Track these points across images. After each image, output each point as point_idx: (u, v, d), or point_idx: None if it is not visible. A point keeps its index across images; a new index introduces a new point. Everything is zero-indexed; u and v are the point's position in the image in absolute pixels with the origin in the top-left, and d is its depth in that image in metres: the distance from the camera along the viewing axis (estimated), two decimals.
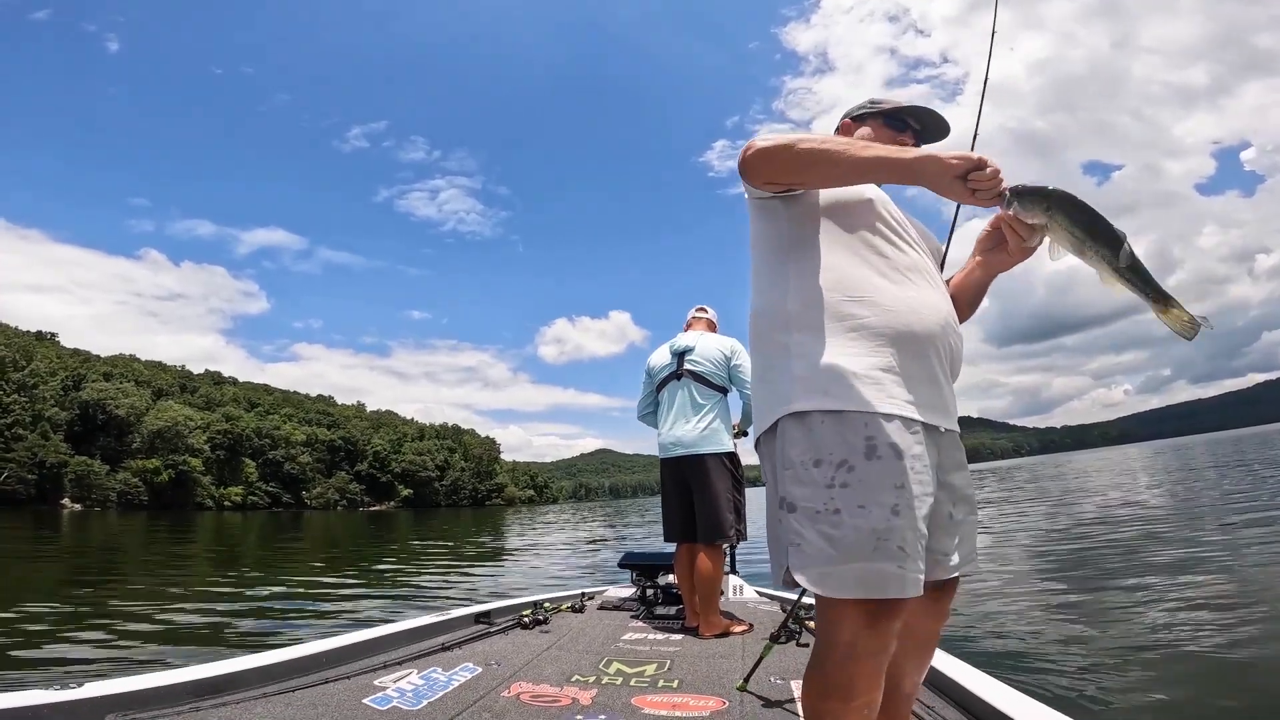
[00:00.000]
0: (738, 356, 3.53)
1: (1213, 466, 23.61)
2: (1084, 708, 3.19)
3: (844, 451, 1.17)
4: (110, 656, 4.58)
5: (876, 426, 1.17)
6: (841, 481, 1.16)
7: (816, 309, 1.27)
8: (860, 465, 1.15)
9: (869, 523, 1.12)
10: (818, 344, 1.25)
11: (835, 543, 1.14)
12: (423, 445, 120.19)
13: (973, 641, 4.49)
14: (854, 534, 1.13)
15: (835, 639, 1.17)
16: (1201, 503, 11.93)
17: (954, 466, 1.33)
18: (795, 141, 1.26)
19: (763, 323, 1.36)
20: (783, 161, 1.27)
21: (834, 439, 1.18)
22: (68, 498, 65.14)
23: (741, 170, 1.32)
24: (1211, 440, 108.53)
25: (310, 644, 2.57)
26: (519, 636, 3.17)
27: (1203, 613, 4.49)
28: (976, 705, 1.96)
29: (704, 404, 3.49)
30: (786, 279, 1.33)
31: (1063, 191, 1.20)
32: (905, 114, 1.52)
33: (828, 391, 1.21)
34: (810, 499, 1.17)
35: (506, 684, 2.39)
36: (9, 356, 64.56)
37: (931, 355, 1.27)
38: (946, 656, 2.41)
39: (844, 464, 1.16)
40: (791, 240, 1.36)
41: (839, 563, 1.13)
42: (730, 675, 2.53)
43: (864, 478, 1.15)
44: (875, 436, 1.16)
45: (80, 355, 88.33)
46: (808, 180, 1.32)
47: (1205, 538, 7.65)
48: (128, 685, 1.88)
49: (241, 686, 2.11)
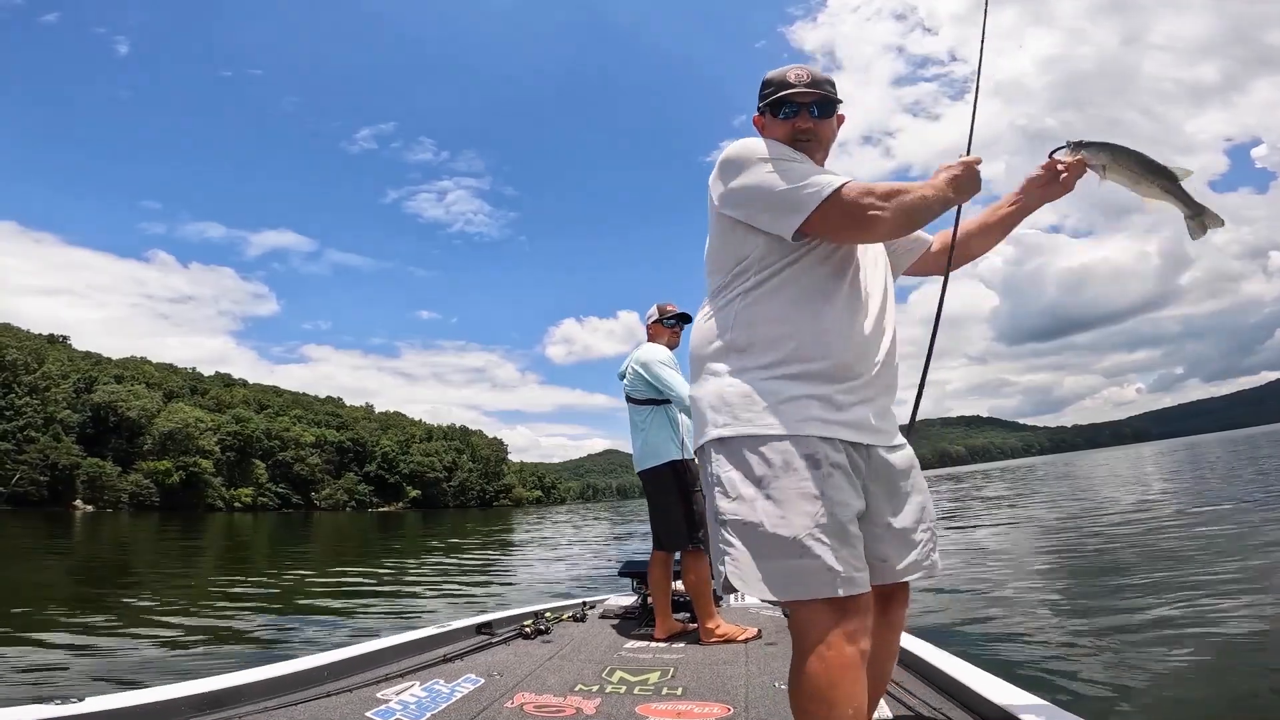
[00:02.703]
0: (647, 369, 3.53)
1: (1226, 465, 23.37)
2: (1090, 704, 3.17)
3: (765, 471, 1.28)
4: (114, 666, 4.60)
5: (798, 446, 1.28)
6: (766, 495, 1.27)
7: (750, 336, 1.36)
8: (780, 481, 1.26)
9: (790, 530, 1.23)
10: (748, 370, 1.35)
11: (759, 550, 1.26)
12: (431, 446, 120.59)
13: (975, 641, 4.46)
14: (776, 541, 1.24)
15: (804, 644, 1.24)
16: (1213, 502, 11.79)
17: (892, 481, 1.40)
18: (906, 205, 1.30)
19: (702, 344, 1.44)
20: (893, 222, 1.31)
21: (757, 461, 1.29)
22: (80, 499, 65.71)
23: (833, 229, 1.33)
24: (1225, 439, 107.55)
25: (312, 657, 2.57)
26: (521, 647, 3.16)
27: (1212, 613, 4.44)
28: (980, 704, 1.94)
29: (639, 421, 3.61)
30: (732, 304, 1.40)
31: (1116, 144, 1.49)
32: (785, 101, 1.48)
33: (750, 417, 1.32)
34: (737, 512, 1.29)
35: (509, 695, 2.38)
36: (21, 359, 65.27)
37: (860, 381, 1.35)
38: (948, 656, 2.39)
39: (764, 480, 1.27)
40: (749, 266, 1.40)
41: (766, 568, 1.25)
42: (734, 681, 2.52)
43: (784, 492, 1.25)
44: (793, 457, 1.27)
45: (92, 358, 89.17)
46: (897, 233, 1.39)
47: (1216, 537, 7.57)
48: (128, 700, 1.88)
49: (243, 700, 2.11)
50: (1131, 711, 3.12)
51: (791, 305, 1.36)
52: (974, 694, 1.98)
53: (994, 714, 1.85)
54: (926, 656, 2.42)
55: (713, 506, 1.35)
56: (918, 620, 5.31)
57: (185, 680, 2.11)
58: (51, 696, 1.81)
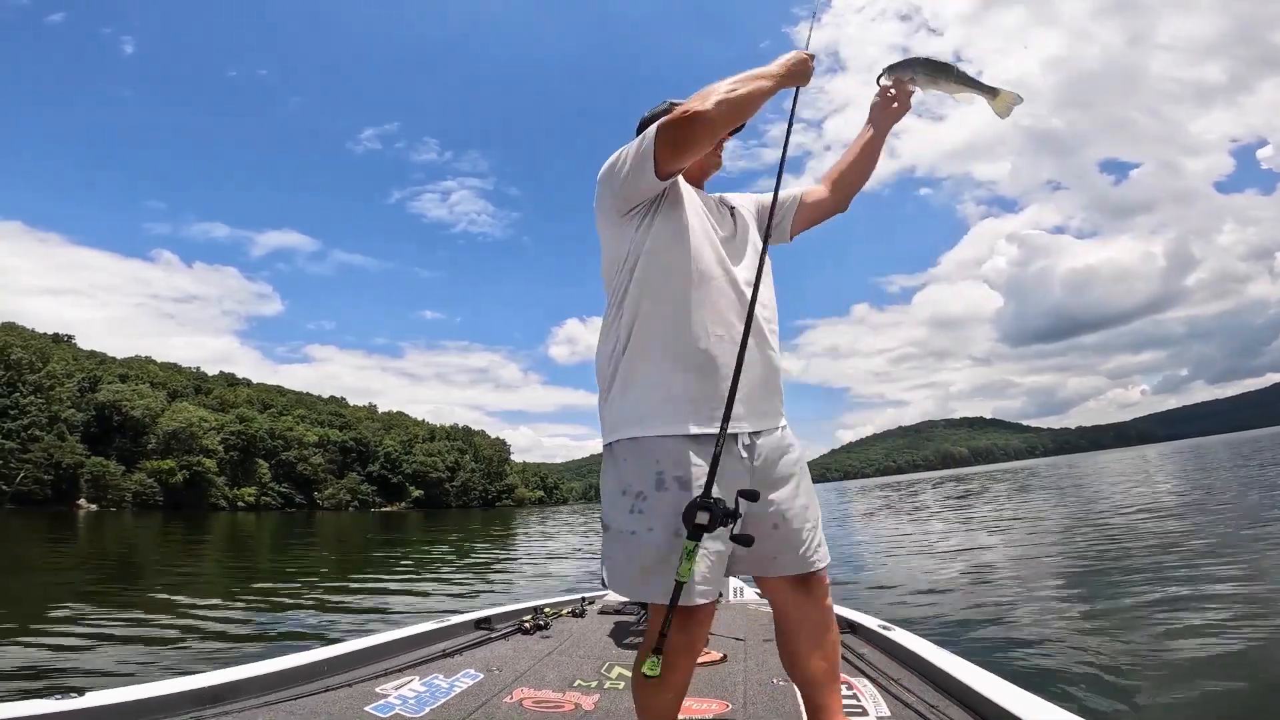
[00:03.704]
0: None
1: (1230, 468, 23.28)
2: (1090, 704, 3.17)
3: (639, 482, 1.38)
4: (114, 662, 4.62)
5: (666, 454, 1.37)
6: (638, 509, 1.37)
7: (631, 338, 1.45)
8: (651, 494, 1.36)
9: (653, 542, 1.34)
10: (630, 374, 1.45)
11: (631, 559, 1.37)
12: (433, 446, 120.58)
13: (975, 640, 4.46)
14: (645, 551, 1.35)
15: (651, 638, 1.37)
16: (1218, 504, 11.75)
17: (772, 471, 1.48)
18: (723, 96, 1.37)
19: (600, 350, 1.53)
20: (728, 117, 1.38)
21: (632, 469, 1.40)
22: (83, 498, 65.80)
23: (672, 149, 1.37)
24: (1230, 441, 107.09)
25: (311, 651, 2.57)
26: (520, 642, 3.16)
27: (1215, 615, 4.43)
28: (980, 703, 1.93)
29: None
30: (620, 309, 1.48)
31: (913, 57, 1.79)
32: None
33: (629, 422, 1.42)
34: (616, 521, 1.41)
35: (509, 690, 2.38)
36: (26, 359, 65.39)
37: (728, 370, 1.38)
38: (948, 654, 2.38)
39: (640, 494, 1.37)
40: (628, 266, 1.48)
41: (634, 576, 1.38)
42: (733, 679, 2.52)
43: (654, 505, 1.36)
44: (664, 467, 1.36)
45: (96, 357, 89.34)
46: (744, 117, 1.44)
47: (1219, 539, 7.55)
48: (129, 695, 1.88)
49: (243, 695, 2.11)
50: (1131, 712, 3.11)
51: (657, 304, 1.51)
52: (974, 693, 1.97)
53: (994, 713, 1.84)
54: (926, 655, 2.41)
55: (602, 514, 1.50)
56: (918, 619, 5.30)
57: (184, 675, 2.11)
58: (51, 691, 1.82)
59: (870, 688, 2.27)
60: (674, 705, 1.49)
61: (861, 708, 2.09)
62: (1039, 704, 1.79)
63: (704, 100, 1.35)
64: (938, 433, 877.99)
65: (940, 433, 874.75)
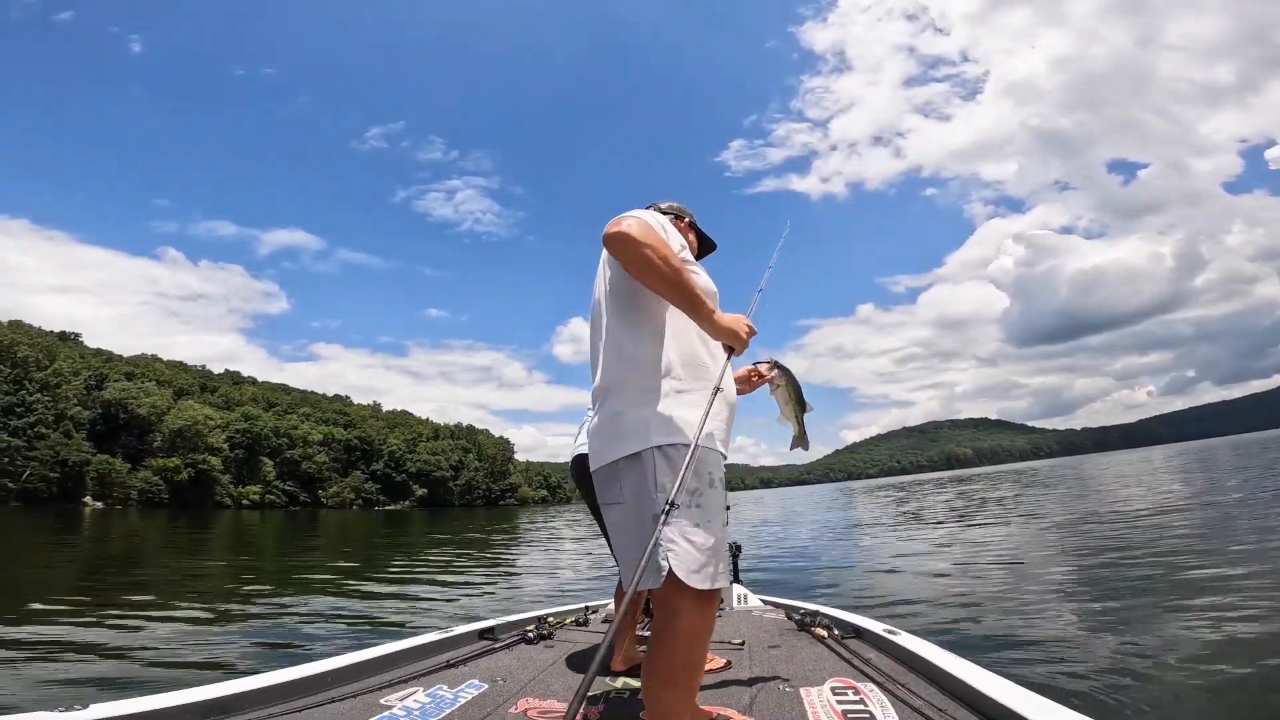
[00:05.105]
0: None
1: (1237, 469, 23.15)
2: (1097, 705, 3.15)
3: (697, 480, 1.60)
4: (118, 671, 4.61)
5: (715, 462, 1.66)
6: (698, 503, 1.59)
7: (685, 363, 1.72)
8: (706, 490, 1.61)
9: (713, 532, 1.59)
10: (689, 392, 1.69)
11: (700, 546, 1.56)
12: (437, 445, 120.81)
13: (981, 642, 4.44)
14: (711, 539, 1.58)
15: (679, 626, 1.52)
16: (1225, 506, 11.68)
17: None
18: (654, 246, 1.58)
19: (644, 364, 1.71)
20: (631, 258, 1.60)
21: (693, 468, 1.58)
22: (89, 496, 66.15)
23: (606, 244, 1.65)
24: (1237, 442, 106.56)
25: (316, 663, 2.56)
26: (524, 652, 3.15)
27: (1219, 616, 4.41)
28: (986, 705, 1.93)
29: None
30: (662, 334, 1.73)
31: (792, 376, 2.18)
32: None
33: (692, 430, 1.62)
34: (682, 514, 1.56)
35: (513, 700, 2.37)
36: (33, 357, 65.77)
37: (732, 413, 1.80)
38: (954, 657, 2.37)
39: (696, 490, 1.60)
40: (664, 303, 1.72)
41: (707, 563, 1.55)
42: (738, 685, 2.51)
43: (711, 499, 1.62)
44: (714, 470, 1.65)
45: (103, 355, 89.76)
46: (642, 281, 1.65)
47: (1223, 541, 7.50)
48: (133, 707, 1.87)
49: (247, 707, 2.11)
50: (1138, 713, 3.09)
51: (694, 344, 1.83)
52: (981, 695, 1.97)
53: (1000, 715, 1.83)
54: (932, 658, 2.41)
55: (655, 509, 1.61)
56: (922, 621, 5.28)
57: (189, 687, 2.11)
58: (55, 704, 1.81)
59: (877, 692, 2.27)
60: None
61: (869, 713, 2.07)
62: (1047, 706, 1.77)
63: (640, 243, 1.58)
64: (943, 433, 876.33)
65: (945, 434, 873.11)
